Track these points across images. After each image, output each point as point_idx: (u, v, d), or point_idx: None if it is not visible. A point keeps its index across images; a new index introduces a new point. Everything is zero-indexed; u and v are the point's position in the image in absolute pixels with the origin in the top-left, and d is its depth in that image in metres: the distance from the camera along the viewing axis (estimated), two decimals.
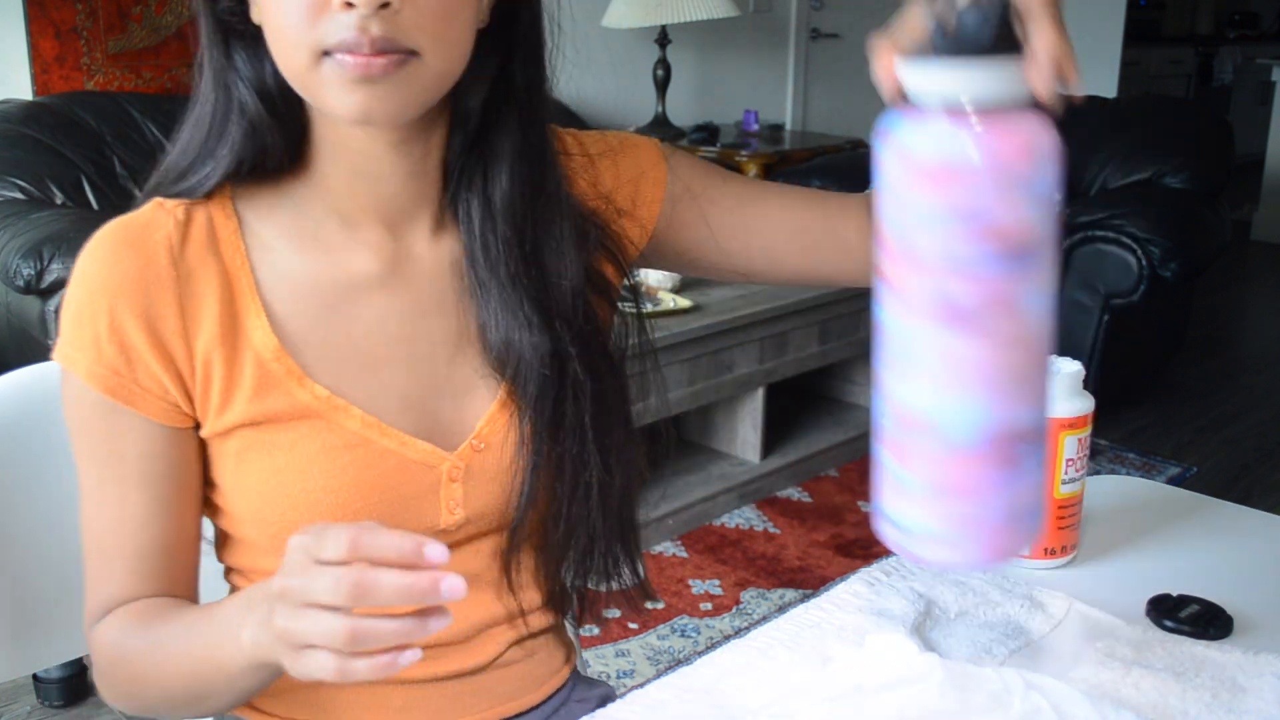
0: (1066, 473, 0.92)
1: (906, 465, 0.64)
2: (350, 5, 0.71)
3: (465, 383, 0.85)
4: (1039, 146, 0.58)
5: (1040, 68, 0.56)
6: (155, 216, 0.79)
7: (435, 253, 0.85)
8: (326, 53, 0.72)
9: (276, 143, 0.80)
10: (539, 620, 0.93)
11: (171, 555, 0.82)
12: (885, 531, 0.66)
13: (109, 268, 0.77)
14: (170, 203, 0.80)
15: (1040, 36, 0.56)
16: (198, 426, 0.81)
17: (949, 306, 0.60)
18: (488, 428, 0.84)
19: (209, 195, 0.81)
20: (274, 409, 0.79)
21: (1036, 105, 0.58)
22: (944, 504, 0.63)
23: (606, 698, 1.01)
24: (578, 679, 0.99)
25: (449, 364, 0.84)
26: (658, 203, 0.92)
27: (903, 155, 0.59)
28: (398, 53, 0.72)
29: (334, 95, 0.74)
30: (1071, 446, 0.92)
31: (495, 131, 0.83)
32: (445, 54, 0.75)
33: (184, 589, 0.84)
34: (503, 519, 0.86)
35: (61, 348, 0.79)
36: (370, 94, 0.73)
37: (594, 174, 0.91)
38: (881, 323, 0.64)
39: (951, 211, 0.59)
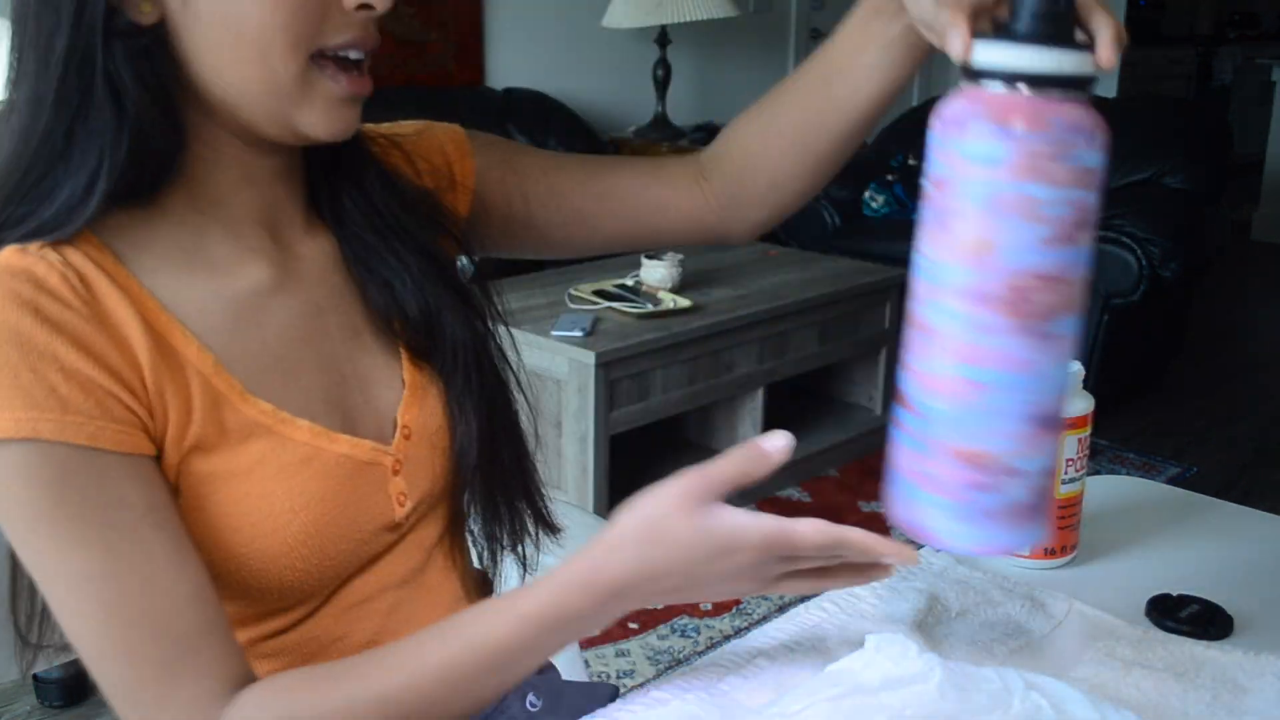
0: (1066, 473, 0.92)
1: (930, 445, 0.67)
2: (367, 7, 0.72)
3: (367, 373, 0.84)
4: (1092, 128, 0.62)
5: (1107, 46, 0.62)
6: (27, 262, 0.68)
7: (313, 249, 0.84)
8: (320, 57, 0.73)
9: (160, 153, 0.72)
10: (475, 580, 0.95)
11: (212, 597, 0.72)
12: (899, 512, 0.69)
13: (27, 317, 0.67)
14: (31, 246, 0.69)
15: (1106, 21, 0.63)
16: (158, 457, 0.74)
17: (1001, 287, 0.63)
18: (408, 413, 0.84)
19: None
20: (227, 426, 0.75)
21: (1088, 96, 0.63)
22: (965, 484, 0.66)
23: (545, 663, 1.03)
24: None
25: (349, 358, 0.83)
26: (472, 174, 0.94)
27: (965, 127, 0.62)
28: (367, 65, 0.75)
29: (319, 113, 0.74)
30: (1071, 446, 0.92)
31: None
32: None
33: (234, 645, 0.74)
34: (435, 497, 0.87)
35: (3, 421, 0.66)
36: (352, 114, 0.75)
37: (407, 155, 0.91)
38: (919, 296, 0.66)
39: (1005, 187, 0.62)
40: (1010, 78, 0.62)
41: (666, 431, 3.04)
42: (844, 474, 3.11)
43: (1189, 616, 0.84)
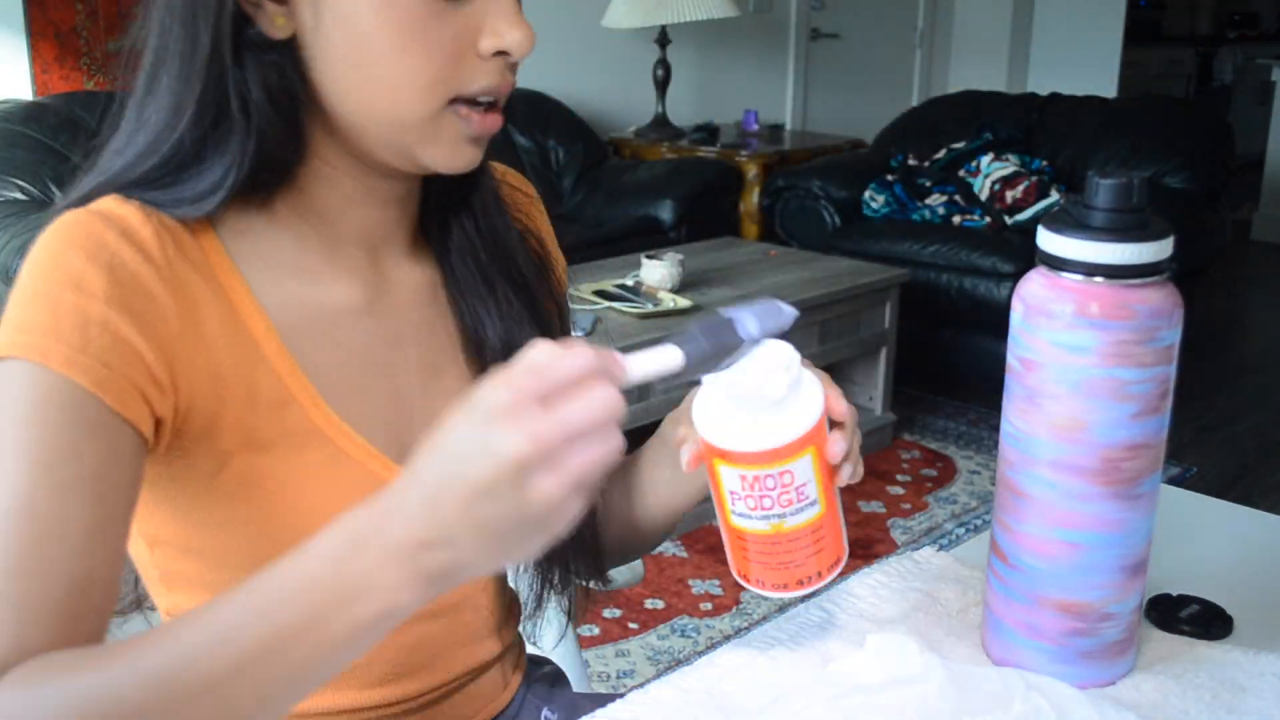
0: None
1: (1031, 597, 0.73)
2: (504, 54, 0.72)
3: (437, 413, 0.80)
4: (1172, 308, 0.68)
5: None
6: (125, 210, 0.70)
7: (411, 277, 0.83)
8: (455, 101, 0.72)
9: (281, 162, 0.74)
10: (508, 634, 0.93)
11: (100, 596, 0.64)
12: (998, 653, 0.76)
13: (99, 257, 0.67)
14: (135, 201, 0.71)
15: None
16: (148, 448, 0.68)
17: (1093, 460, 0.68)
18: None
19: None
20: (291, 427, 0.74)
21: (1167, 274, 0.67)
22: (1064, 631, 0.73)
23: (557, 675, 1.03)
24: (529, 664, 1.00)
25: (423, 393, 0.82)
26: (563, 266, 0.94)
27: (1052, 316, 0.67)
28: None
29: (445, 149, 0.73)
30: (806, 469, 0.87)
31: None
32: None
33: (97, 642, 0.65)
34: None
35: (20, 336, 0.64)
36: (477, 151, 0.75)
37: (536, 214, 0.92)
38: (1010, 462, 0.72)
39: (1095, 372, 0.66)
40: (1090, 269, 0.66)
41: None
42: None
43: (1189, 616, 0.84)
